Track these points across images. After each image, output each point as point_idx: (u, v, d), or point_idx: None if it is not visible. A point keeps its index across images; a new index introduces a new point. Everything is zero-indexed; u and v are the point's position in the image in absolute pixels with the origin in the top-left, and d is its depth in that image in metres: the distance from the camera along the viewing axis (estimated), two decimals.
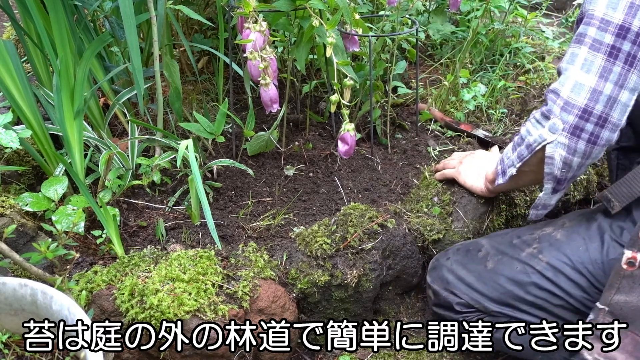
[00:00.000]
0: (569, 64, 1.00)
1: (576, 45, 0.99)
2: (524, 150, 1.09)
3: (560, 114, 1.00)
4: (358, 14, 1.35)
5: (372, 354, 1.21)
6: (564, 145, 1.02)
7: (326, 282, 1.14)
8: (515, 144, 1.14)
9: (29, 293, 0.94)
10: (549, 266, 1.07)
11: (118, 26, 1.34)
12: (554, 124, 1.01)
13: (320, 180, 1.50)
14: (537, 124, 1.05)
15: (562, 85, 1.00)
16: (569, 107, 0.99)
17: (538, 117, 1.05)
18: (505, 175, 1.17)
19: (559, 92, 1.01)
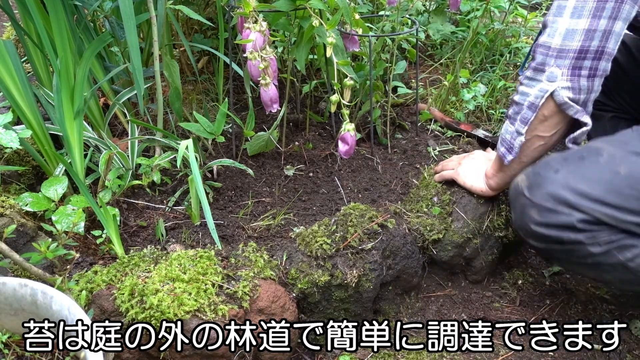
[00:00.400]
0: (556, 17, 1.01)
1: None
2: (526, 113, 1.09)
3: (555, 61, 1.02)
4: (358, 14, 1.35)
5: (372, 354, 1.21)
6: (567, 87, 1.03)
7: (326, 282, 1.14)
8: (511, 116, 1.13)
9: (29, 293, 0.94)
10: None
11: (118, 26, 1.34)
12: (552, 73, 1.03)
13: (320, 180, 1.50)
14: (532, 82, 1.06)
15: (552, 37, 1.02)
16: (563, 53, 1.01)
17: (530, 75, 1.07)
18: (514, 149, 1.14)
19: (549, 44, 1.02)
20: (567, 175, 1.00)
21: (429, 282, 1.39)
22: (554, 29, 1.02)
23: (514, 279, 1.43)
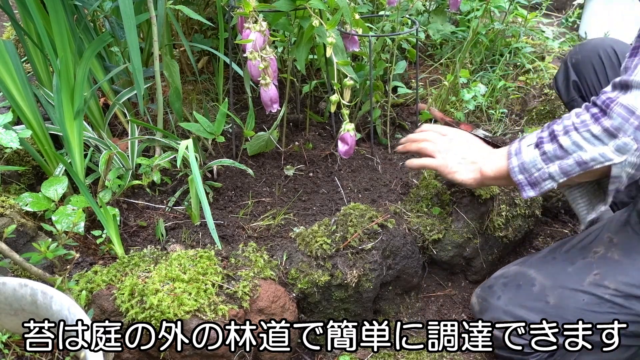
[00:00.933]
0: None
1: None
2: (572, 166, 0.97)
3: (634, 133, 0.89)
4: (358, 14, 1.35)
5: (372, 354, 1.21)
6: (633, 164, 0.92)
7: (326, 282, 1.14)
8: (548, 154, 0.99)
9: (29, 293, 0.94)
10: (618, 292, 1.01)
11: (118, 26, 1.34)
12: (626, 144, 0.90)
13: (320, 180, 1.50)
14: (595, 140, 0.93)
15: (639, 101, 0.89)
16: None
17: (597, 133, 0.93)
18: (539, 188, 1.03)
19: (635, 109, 0.89)
20: (507, 302, 1.12)
21: (429, 282, 1.39)
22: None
23: None
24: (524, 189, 1.05)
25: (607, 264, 1.05)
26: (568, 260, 1.10)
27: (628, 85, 0.91)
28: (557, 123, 1.00)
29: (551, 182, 1.00)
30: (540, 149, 1.00)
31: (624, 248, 1.05)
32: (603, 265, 1.05)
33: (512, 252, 1.51)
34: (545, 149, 0.99)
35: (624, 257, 1.04)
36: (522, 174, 1.04)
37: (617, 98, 0.91)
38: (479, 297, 1.19)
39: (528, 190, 1.04)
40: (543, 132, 1.02)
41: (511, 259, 1.50)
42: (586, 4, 2.62)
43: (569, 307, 1.05)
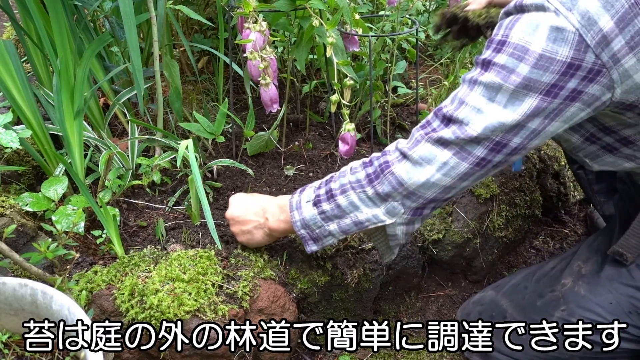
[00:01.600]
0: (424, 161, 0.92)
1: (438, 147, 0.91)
2: (349, 225, 1.01)
3: (402, 200, 0.95)
4: (358, 14, 1.35)
5: (372, 354, 1.21)
6: (403, 223, 0.98)
7: (326, 282, 1.14)
8: (326, 213, 1.01)
9: (29, 293, 0.94)
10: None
11: (118, 26, 1.34)
12: (394, 208, 0.96)
13: None
14: (369, 201, 0.98)
15: (410, 179, 0.93)
16: (414, 197, 0.95)
17: (370, 195, 0.97)
18: (320, 243, 1.05)
19: (404, 182, 0.94)
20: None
21: (429, 282, 1.39)
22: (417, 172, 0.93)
23: None
24: (307, 243, 1.06)
25: (573, 299, 1.07)
26: (537, 292, 1.13)
27: (405, 156, 0.94)
28: (333, 180, 1.02)
29: (332, 238, 1.04)
30: (318, 207, 1.02)
31: (590, 282, 1.07)
32: (569, 301, 1.07)
33: (512, 252, 1.52)
34: (324, 207, 1.01)
35: (589, 293, 1.06)
36: (304, 229, 1.05)
37: (392, 165, 0.95)
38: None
39: (311, 244, 1.06)
40: (320, 189, 1.03)
41: (511, 259, 1.50)
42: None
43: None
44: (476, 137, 0.88)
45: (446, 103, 0.92)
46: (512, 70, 0.83)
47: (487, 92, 0.86)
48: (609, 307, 1.03)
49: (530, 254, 1.52)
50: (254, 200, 1.15)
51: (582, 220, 1.67)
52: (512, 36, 0.84)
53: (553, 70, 0.81)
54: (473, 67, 0.91)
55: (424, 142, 0.92)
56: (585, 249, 1.15)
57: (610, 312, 1.02)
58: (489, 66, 0.86)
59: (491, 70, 0.86)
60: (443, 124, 0.91)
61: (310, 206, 1.03)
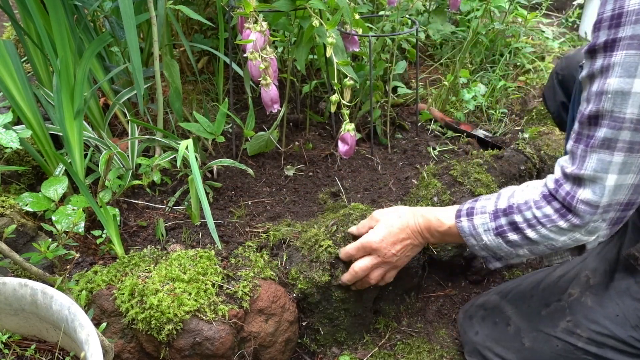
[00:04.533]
0: (602, 173, 0.88)
1: (606, 152, 0.87)
2: (542, 250, 0.99)
3: (601, 215, 0.91)
4: (358, 14, 1.35)
5: (372, 354, 1.21)
6: (605, 235, 0.95)
7: (326, 282, 1.14)
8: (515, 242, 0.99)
9: (29, 293, 0.94)
10: (591, 341, 1.02)
11: (118, 26, 1.34)
12: (595, 227, 0.93)
13: (320, 180, 1.50)
14: (565, 231, 0.94)
15: (601, 196, 0.89)
16: (609, 207, 0.91)
17: (565, 227, 0.93)
18: (504, 261, 1.05)
19: (597, 203, 0.90)
20: (484, 338, 1.15)
21: (429, 282, 1.39)
22: (602, 187, 0.89)
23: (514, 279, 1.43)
24: (489, 262, 1.06)
25: (579, 310, 1.06)
26: (543, 301, 1.12)
27: (580, 179, 0.90)
28: (514, 212, 0.98)
29: (520, 258, 1.03)
30: (503, 237, 0.99)
31: (597, 292, 1.06)
32: (576, 312, 1.06)
33: None
34: (510, 238, 0.99)
35: (596, 304, 1.05)
36: (484, 251, 1.04)
37: (576, 194, 0.91)
38: (461, 325, 1.22)
39: (495, 262, 1.05)
40: (500, 220, 0.99)
41: None
42: (586, 4, 2.62)
43: (545, 351, 1.06)
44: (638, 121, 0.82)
45: (585, 108, 0.88)
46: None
47: (625, 70, 0.81)
48: (615, 319, 1.01)
49: None
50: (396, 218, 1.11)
51: None
52: (628, 5, 0.79)
53: None
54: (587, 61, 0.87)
55: (589, 156, 0.88)
56: (594, 258, 1.13)
57: (617, 325, 1.01)
58: (615, 44, 0.81)
59: (619, 47, 0.81)
60: (594, 125, 0.87)
61: (491, 235, 1.00)
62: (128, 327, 1.03)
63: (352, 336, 1.23)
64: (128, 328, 1.04)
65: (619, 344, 1.00)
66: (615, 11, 0.80)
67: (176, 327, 0.98)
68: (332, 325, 1.20)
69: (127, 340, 1.05)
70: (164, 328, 0.98)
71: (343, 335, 1.21)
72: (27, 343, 0.99)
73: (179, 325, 0.98)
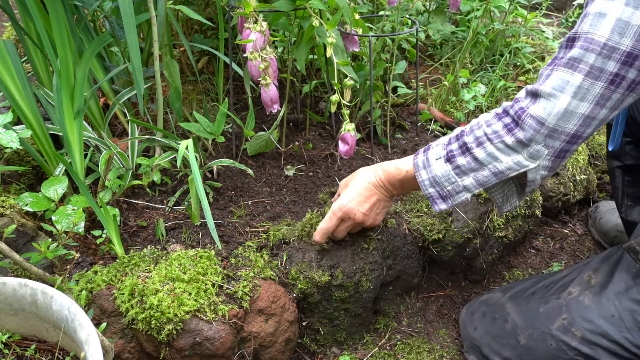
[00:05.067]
0: (557, 91, 0.90)
1: (568, 71, 0.89)
2: (488, 177, 0.98)
3: (544, 140, 0.92)
4: (358, 14, 1.35)
5: (372, 354, 1.21)
6: (545, 167, 0.96)
7: (326, 282, 1.14)
8: (461, 167, 0.99)
9: (29, 293, 0.94)
10: (584, 340, 1.02)
11: (118, 26, 1.34)
12: (537, 151, 0.93)
13: (320, 181, 1.50)
14: (509, 150, 0.95)
15: (549, 114, 0.90)
16: (556, 134, 0.91)
17: (510, 143, 0.94)
18: (451, 201, 1.03)
19: (544, 120, 0.91)
20: (482, 334, 1.16)
21: (429, 282, 1.39)
22: (554, 105, 0.90)
23: (514, 279, 1.43)
24: (435, 202, 1.04)
25: (575, 309, 1.06)
26: (543, 299, 1.12)
27: (537, 94, 0.92)
28: (466, 134, 0.99)
29: (466, 193, 1.01)
30: (452, 162, 0.99)
31: (596, 292, 1.06)
32: (572, 310, 1.06)
33: (512, 252, 1.51)
34: (459, 162, 0.99)
35: (593, 304, 1.05)
36: (433, 187, 1.02)
37: (527, 109, 0.92)
38: (463, 321, 1.22)
39: (440, 203, 1.03)
40: (451, 145, 1.01)
41: (511, 259, 1.50)
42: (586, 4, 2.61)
43: (539, 350, 1.06)
44: (604, 45, 0.84)
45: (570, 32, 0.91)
46: None
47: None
48: (610, 319, 1.02)
49: (530, 254, 1.52)
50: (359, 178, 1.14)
51: (582, 220, 1.67)
52: None
53: None
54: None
55: (553, 73, 0.90)
56: (598, 260, 1.13)
57: (612, 325, 1.01)
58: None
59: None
60: (567, 48, 0.89)
61: (441, 163, 1.00)
62: (128, 327, 1.03)
63: (352, 336, 1.23)
64: (128, 328, 1.04)
65: (612, 345, 1.00)
66: None
67: (176, 327, 0.98)
68: (332, 325, 1.20)
69: (127, 340, 1.05)
70: (164, 328, 0.98)
71: (343, 335, 1.21)
72: (27, 343, 0.99)
73: (179, 325, 0.98)
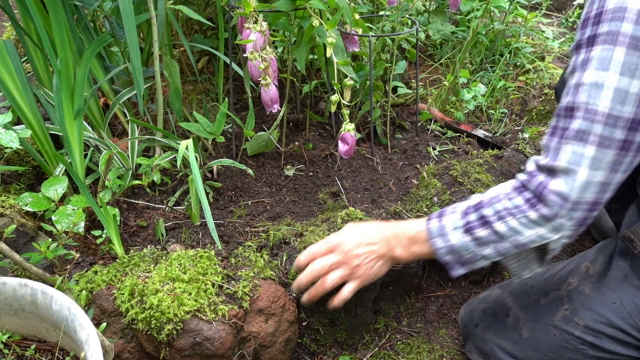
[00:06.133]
0: (574, 165, 0.89)
1: (579, 144, 0.89)
2: (509, 248, 0.97)
3: (568, 214, 0.92)
4: (358, 14, 1.35)
5: (372, 354, 1.21)
6: (568, 236, 0.95)
7: None
8: (481, 239, 0.97)
9: (29, 293, 0.94)
10: (588, 329, 1.03)
11: (118, 26, 1.34)
12: (561, 225, 0.93)
13: (320, 181, 1.50)
14: (533, 224, 0.94)
15: (572, 188, 0.90)
16: (578, 206, 0.91)
17: (534, 218, 0.93)
18: (469, 266, 1.01)
19: (567, 196, 0.90)
20: (484, 331, 1.15)
21: (429, 282, 1.39)
22: (573, 180, 0.90)
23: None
24: (453, 268, 1.02)
25: (577, 298, 1.06)
26: (542, 291, 1.12)
27: (554, 170, 0.91)
28: (485, 206, 0.98)
29: (484, 261, 1.00)
30: (471, 234, 0.98)
31: (596, 281, 1.07)
32: (574, 300, 1.06)
33: None
34: (478, 234, 0.97)
35: (594, 292, 1.05)
36: (450, 255, 1.01)
37: (548, 184, 0.92)
38: (462, 320, 1.22)
39: (458, 268, 1.02)
40: (469, 216, 0.98)
41: None
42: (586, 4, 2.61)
43: (542, 341, 1.06)
44: (609, 115, 0.86)
45: (563, 101, 0.91)
46: (617, 33, 0.84)
47: (600, 63, 0.86)
48: (612, 307, 1.02)
49: None
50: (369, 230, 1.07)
51: None
52: (607, 4, 0.85)
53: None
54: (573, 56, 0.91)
55: (563, 147, 0.90)
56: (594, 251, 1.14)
57: (614, 313, 1.01)
58: (595, 39, 0.87)
59: (597, 42, 0.86)
60: (568, 118, 0.90)
61: (459, 233, 0.99)
62: (128, 327, 1.03)
63: (352, 336, 1.23)
64: (128, 328, 1.04)
65: (616, 331, 1.01)
66: (599, 10, 0.87)
67: (176, 327, 0.98)
68: (332, 325, 1.20)
69: (127, 340, 1.05)
70: (164, 328, 0.98)
71: (343, 335, 1.21)
72: (27, 343, 0.99)
73: (179, 325, 0.98)
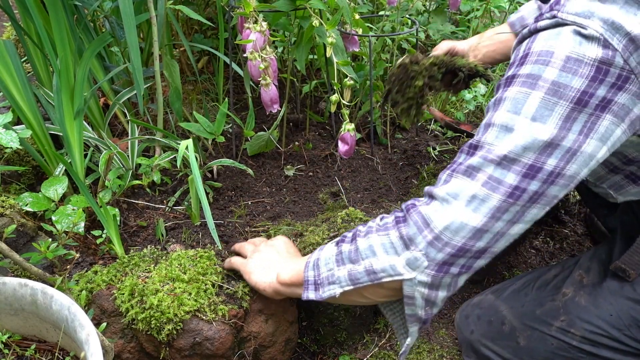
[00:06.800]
0: (451, 197, 0.82)
1: (466, 179, 0.82)
2: (361, 274, 0.87)
3: (426, 248, 0.83)
4: (358, 14, 1.35)
5: (372, 354, 1.21)
6: (425, 283, 0.84)
7: None
8: (344, 254, 0.90)
9: (29, 293, 0.94)
10: (585, 340, 1.03)
11: (118, 26, 1.34)
12: (416, 259, 0.83)
13: (320, 181, 1.50)
14: (390, 248, 0.85)
15: (437, 218, 0.82)
16: (440, 243, 0.82)
17: (393, 239, 0.85)
18: (321, 292, 0.91)
19: (429, 221, 0.83)
20: (480, 336, 1.14)
21: None
22: (445, 211, 0.82)
23: None
24: (307, 288, 0.93)
25: (573, 310, 1.06)
26: (537, 301, 1.12)
27: (432, 196, 0.85)
28: (369, 223, 0.93)
29: (336, 287, 0.90)
30: (338, 246, 0.92)
31: (592, 292, 1.06)
32: (570, 311, 1.06)
33: (512, 252, 1.51)
34: (343, 248, 0.91)
35: (590, 304, 1.05)
36: (313, 270, 0.93)
37: (419, 206, 0.85)
38: (458, 326, 1.22)
39: (310, 290, 0.93)
40: (350, 232, 0.94)
41: (511, 259, 1.50)
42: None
43: (540, 349, 1.06)
44: (505, 157, 0.79)
45: (472, 138, 0.86)
46: (538, 77, 0.78)
47: (514, 105, 0.79)
48: (609, 319, 1.02)
49: (530, 254, 1.52)
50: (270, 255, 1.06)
51: (582, 220, 1.67)
52: (534, 47, 0.80)
53: (582, 74, 0.76)
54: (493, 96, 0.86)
55: (452, 179, 0.84)
56: (587, 259, 1.14)
57: (610, 324, 1.02)
58: (513, 80, 0.81)
59: (515, 83, 0.80)
60: (469, 155, 0.84)
61: (332, 246, 0.94)
62: (128, 327, 1.03)
63: (352, 336, 1.23)
64: (128, 328, 1.04)
65: (614, 342, 1.01)
66: (526, 50, 0.81)
67: (176, 327, 0.98)
68: (332, 325, 1.20)
69: (127, 340, 1.05)
70: (164, 328, 0.98)
71: (343, 335, 1.21)
72: (27, 343, 0.99)
73: (179, 325, 0.98)
